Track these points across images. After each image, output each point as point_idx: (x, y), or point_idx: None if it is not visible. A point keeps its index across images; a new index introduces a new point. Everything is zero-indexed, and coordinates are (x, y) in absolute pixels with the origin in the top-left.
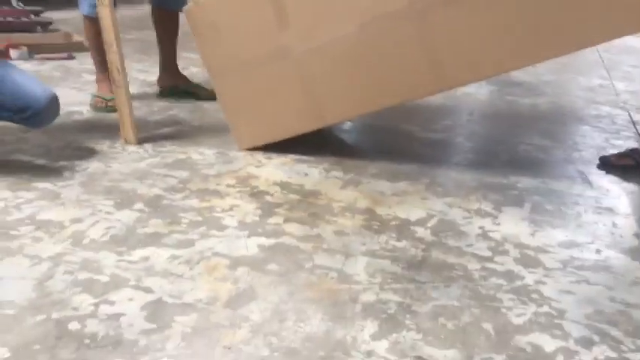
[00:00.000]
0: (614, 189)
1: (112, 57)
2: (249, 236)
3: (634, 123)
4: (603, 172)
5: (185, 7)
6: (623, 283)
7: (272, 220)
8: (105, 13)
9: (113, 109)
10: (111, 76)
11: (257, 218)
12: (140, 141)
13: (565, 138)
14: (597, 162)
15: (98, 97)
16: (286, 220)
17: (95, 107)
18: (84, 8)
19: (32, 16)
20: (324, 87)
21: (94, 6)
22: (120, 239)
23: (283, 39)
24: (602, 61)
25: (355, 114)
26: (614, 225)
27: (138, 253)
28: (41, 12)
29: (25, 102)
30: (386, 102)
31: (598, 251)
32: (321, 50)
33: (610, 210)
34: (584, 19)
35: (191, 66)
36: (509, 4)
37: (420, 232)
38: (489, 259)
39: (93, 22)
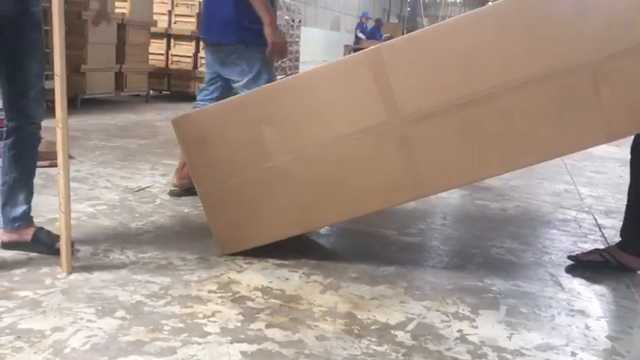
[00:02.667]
0: (584, 291)
1: (60, 182)
2: (231, 342)
3: (599, 227)
4: (573, 275)
5: (173, 118)
6: None
7: (254, 325)
8: (60, 136)
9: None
10: (59, 199)
11: (239, 324)
12: (121, 248)
13: (534, 241)
14: (567, 264)
15: None
16: (268, 326)
17: None
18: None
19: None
20: (307, 194)
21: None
22: (101, 348)
23: (269, 152)
24: (566, 167)
25: (336, 220)
26: (587, 327)
27: None
28: None
29: None
30: (366, 209)
31: (573, 354)
32: (304, 161)
33: (582, 312)
34: (545, 135)
35: (172, 173)
36: (477, 121)
37: (400, 335)
38: None
39: None
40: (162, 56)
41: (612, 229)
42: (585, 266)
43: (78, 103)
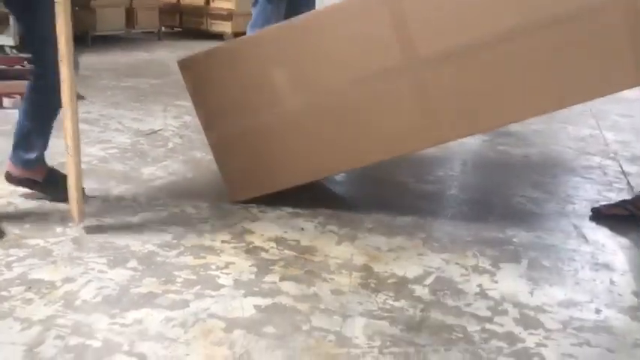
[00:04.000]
0: (609, 244)
1: (66, 124)
2: (245, 296)
3: (625, 174)
4: (597, 226)
5: (179, 60)
6: (624, 345)
7: (268, 278)
8: (65, 73)
9: None
10: (65, 142)
11: (253, 276)
12: (134, 195)
13: (557, 190)
14: (590, 214)
15: None
16: (282, 279)
17: None
18: None
19: (26, 64)
20: (319, 140)
21: None
22: (112, 300)
23: (280, 95)
24: (590, 110)
25: (349, 167)
26: (612, 282)
27: (131, 315)
28: None
29: None
30: (379, 156)
31: (597, 311)
32: (317, 104)
33: (607, 266)
34: (572, 78)
35: (185, 115)
36: (500, 62)
37: (418, 290)
38: (489, 320)
39: None
40: None
41: (638, 177)
42: (609, 220)
43: (88, 40)
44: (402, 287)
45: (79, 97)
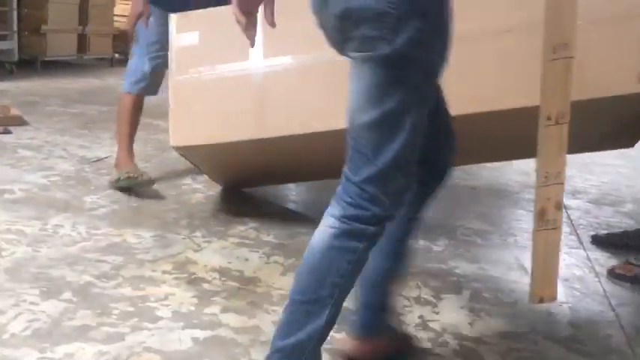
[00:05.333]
0: None
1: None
2: (183, 328)
3: (565, 208)
4: None
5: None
6: None
7: (209, 309)
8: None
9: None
10: (540, 217)
11: (193, 308)
12: (73, 223)
13: (501, 222)
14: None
15: (130, 175)
16: (223, 310)
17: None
18: (125, 86)
19: None
20: (277, 100)
21: (135, 83)
22: (43, 334)
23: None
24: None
25: (295, 132)
26: (549, 314)
27: (62, 350)
28: None
29: None
30: (331, 125)
31: (535, 342)
32: (281, 70)
33: None
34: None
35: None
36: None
37: None
38: (429, 352)
39: (133, 99)
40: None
41: (577, 210)
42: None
43: (38, 65)
44: (344, 319)
45: (23, 123)
